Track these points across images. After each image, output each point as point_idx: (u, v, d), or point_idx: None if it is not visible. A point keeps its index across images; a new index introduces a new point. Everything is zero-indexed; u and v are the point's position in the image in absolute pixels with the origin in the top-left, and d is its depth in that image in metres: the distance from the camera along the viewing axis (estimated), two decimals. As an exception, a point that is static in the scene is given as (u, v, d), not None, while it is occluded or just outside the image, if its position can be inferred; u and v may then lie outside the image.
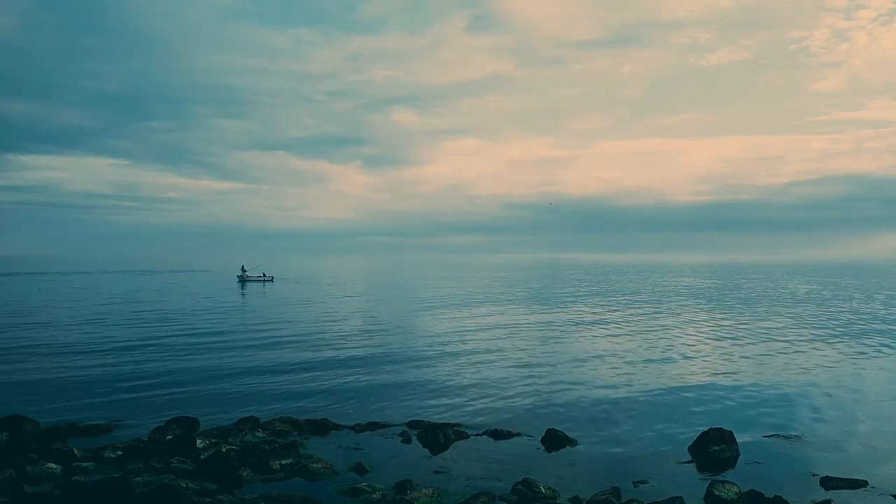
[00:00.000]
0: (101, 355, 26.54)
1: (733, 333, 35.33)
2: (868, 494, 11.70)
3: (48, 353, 27.12)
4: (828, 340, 32.58)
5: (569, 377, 22.71)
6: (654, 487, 11.97)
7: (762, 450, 14.38)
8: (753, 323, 40.87)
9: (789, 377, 22.90)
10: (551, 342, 31.81)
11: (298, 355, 26.93)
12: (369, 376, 22.64)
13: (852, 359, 26.99)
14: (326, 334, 33.98)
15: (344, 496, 11.30)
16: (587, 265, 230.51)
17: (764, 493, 11.08)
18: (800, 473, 12.86)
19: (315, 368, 24.01)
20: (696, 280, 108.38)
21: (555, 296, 67.86)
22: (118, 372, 22.91)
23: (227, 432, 14.86)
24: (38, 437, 13.95)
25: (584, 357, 27.17)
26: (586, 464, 13.43)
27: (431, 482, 11.95)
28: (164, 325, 37.59)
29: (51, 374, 22.37)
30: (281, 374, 22.76)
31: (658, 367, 24.79)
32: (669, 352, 28.57)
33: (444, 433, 14.85)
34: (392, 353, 27.93)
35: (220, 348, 28.79)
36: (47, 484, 11.35)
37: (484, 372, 23.56)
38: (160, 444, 13.77)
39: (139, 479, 11.53)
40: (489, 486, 11.84)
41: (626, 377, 22.71)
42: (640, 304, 56.65)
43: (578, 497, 11.21)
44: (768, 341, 32.19)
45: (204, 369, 23.58)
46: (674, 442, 14.97)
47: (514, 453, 14.10)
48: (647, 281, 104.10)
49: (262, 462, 12.64)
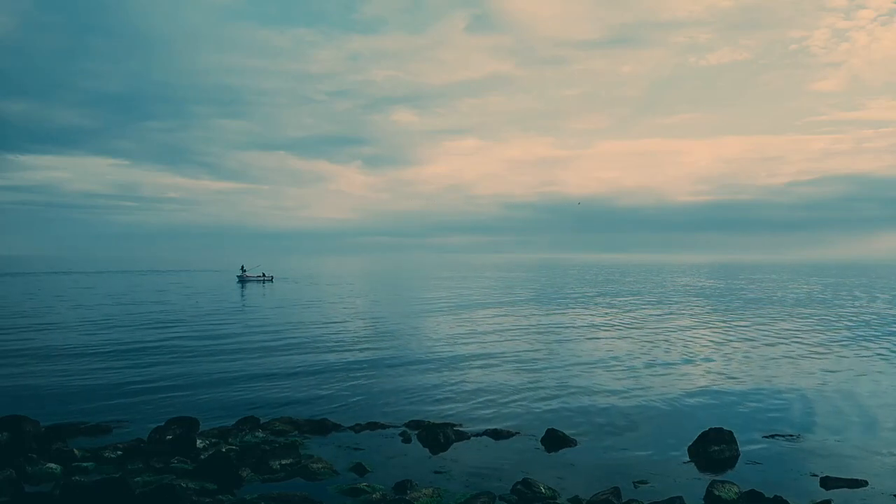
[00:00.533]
0: (100, 355, 26.54)
1: (733, 333, 35.32)
2: (868, 494, 11.70)
3: (48, 353, 27.12)
4: (828, 341, 32.57)
5: (569, 377, 22.71)
6: (654, 487, 11.97)
7: (762, 450, 14.39)
8: (753, 323, 40.85)
9: (789, 377, 22.90)
10: (551, 342, 31.80)
11: (298, 355, 26.92)
12: (369, 376, 22.64)
13: (853, 359, 26.99)
14: (326, 334, 33.98)
15: (344, 496, 11.30)
16: (587, 265, 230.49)
17: (764, 494, 11.08)
18: (800, 473, 12.86)
19: (315, 368, 24.00)
20: (696, 280, 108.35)
21: (554, 296, 67.86)
22: (118, 372, 22.90)
23: (227, 432, 14.85)
24: (38, 437, 13.95)
25: (584, 357, 27.17)
26: (586, 464, 13.43)
27: (431, 482, 11.95)
28: (164, 325, 37.59)
29: (51, 375, 22.36)
30: (281, 374, 22.76)
31: (658, 367, 24.78)
32: (669, 352, 28.57)
33: (444, 433, 14.85)
34: (392, 353, 27.94)
35: (220, 348, 28.79)
36: (47, 484, 11.35)
37: (484, 372, 23.56)
38: (160, 444, 13.77)
39: (139, 479, 11.53)
40: (489, 486, 11.84)
41: (626, 377, 22.71)
42: (640, 304, 56.65)
43: (578, 497, 11.21)
44: (768, 341, 32.17)
45: (204, 369, 23.57)
46: (674, 442, 14.96)
47: (514, 453, 14.10)
48: (647, 281, 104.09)
49: (262, 462, 12.64)
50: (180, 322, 39.58)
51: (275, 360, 25.82)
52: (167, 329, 35.88)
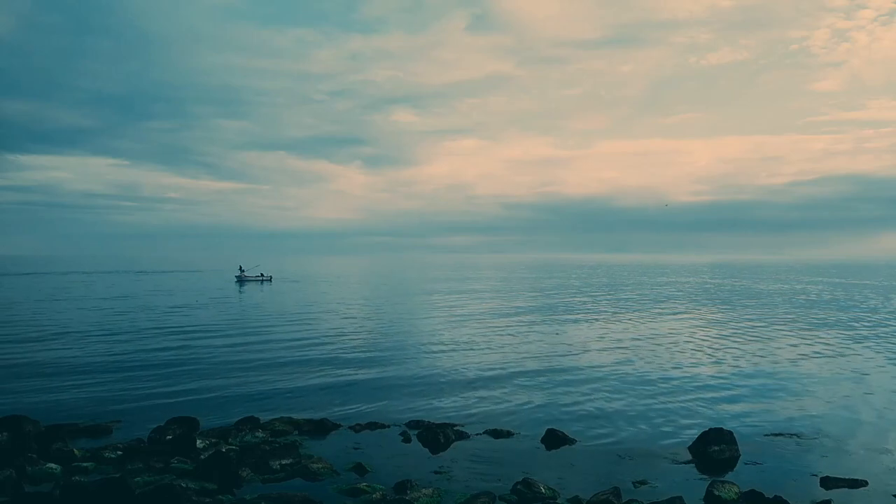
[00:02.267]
0: (100, 355, 26.53)
1: (733, 333, 35.31)
2: (868, 494, 11.70)
3: (48, 353, 27.13)
4: (829, 340, 32.57)
5: (569, 377, 22.71)
6: (654, 487, 11.98)
7: (762, 450, 14.39)
8: (753, 323, 40.85)
9: (790, 377, 22.90)
10: (551, 342, 31.80)
11: (298, 355, 26.93)
12: (369, 376, 22.65)
13: (853, 359, 26.98)
14: (326, 334, 33.97)
15: (344, 496, 11.30)
16: (587, 265, 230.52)
17: (764, 493, 11.08)
18: (800, 473, 12.86)
19: (315, 368, 24.01)
20: (696, 280, 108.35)
21: (554, 296, 67.86)
22: (118, 372, 22.89)
23: (227, 432, 14.85)
24: (38, 437, 13.96)
25: (584, 357, 27.16)
26: (586, 464, 13.43)
27: (431, 482, 11.96)
28: (164, 325, 37.58)
29: (51, 375, 22.35)
30: (281, 375, 22.76)
31: (658, 367, 24.78)
32: (670, 352, 28.56)
33: (444, 433, 14.86)
34: (392, 353, 27.94)
35: (220, 348, 28.78)
36: (47, 484, 11.35)
37: (484, 372, 23.56)
38: (160, 444, 13.78)
39: (139, 479, 11.52)
40: (489, 486, 11.84)
41: (626, 377, 22.70)
42: (640, 304, 56.65)
43: (578, 497, 11.22)
44: (768, 341, 32.17)
45: (204, 370, 23.58)
46: (674, 442, 14.98)
47: (514, 453, 14.10)
48: (647, 281, 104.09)
49: (262, 462, 12.64)
50: (180, 322, 39.57)
51: (275, 360, 25.82)
52: (167, 329, 35.86)
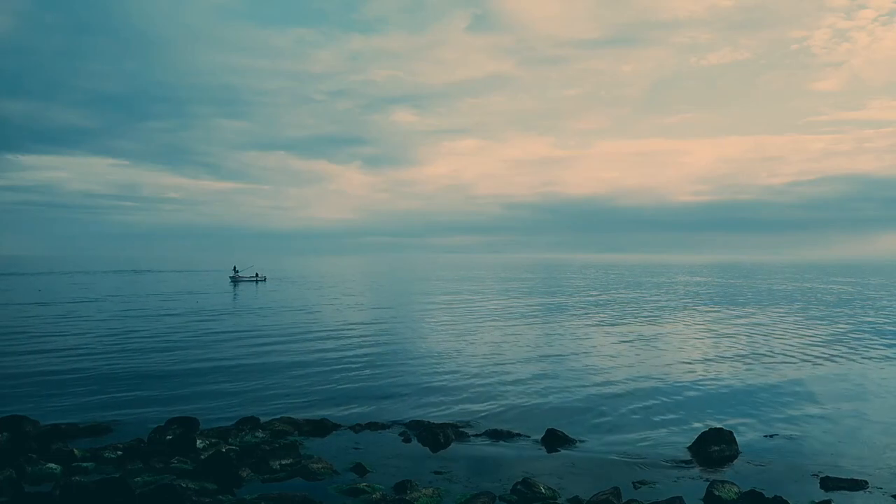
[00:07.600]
0: (100, 355, 26.53)
1: (733, 333, 35.32)
2: (868, 494, 11.70)
3: (48, 353, 27.10)
4: (829, 340, 32.56)
5: (569, 377, 22.71)
6: (654, 487, 11.98)
7: (762, 450, 14.39)
8: (753, 322, 40.86)
9: (790, 377, 22.89)
10: (551, 342, 31.80)
11: (298, 355, 26.92)
12: (369, 376, 22.64)
13: (853, 359, 26.97)
14: (326, 334, 33.97)
15: (344, 496, 11.30)
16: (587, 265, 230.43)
17: (764, 494, 11.07)
18: (800, 473, 12.85)
19: (315, 368, 24.01)
20: (696, 280, 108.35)
21: (554, 296, 67.86)
22: (118, 372, 22.90)
23: (227, 432, 14.84)
24: (38, 437, 13.96)
25: (584, 357, 27.16)
26: (586, 464, 13.42)
27: (431, 482, 11.95)
28: (164, 325, 37.58)
29: (51, 374, 22.35)
30: (281, 374, 22.76)
31: (659, 367, 24.78)
32: (670, 352, 28.57)
33: (444, 433, 14.85)
34: (392, 353, 27.94)
35: (220, 348, 28.79)
36: (47, 484, 11.34)
37: (484, 372, 23.55)
38: (160, 444, 13.77)
39: (139, 479, 11.52)
40: (489, 486, 11.84)
41: (626, 377, 22.70)
42: (640, 304, 56.65)
43: (578, 497, 11.21)
44: (768, 341, 32.17)
45: (204, 369, 23.58)
46: (674, 442, 14.97)
47: (514, 453, 14.10)
48: (647, 281, 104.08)
49: (262, 462, 12.64)
50: (179, 321, 39.57)
51: (275, 360, 25.82)
52: (166, 329, 35.86)
